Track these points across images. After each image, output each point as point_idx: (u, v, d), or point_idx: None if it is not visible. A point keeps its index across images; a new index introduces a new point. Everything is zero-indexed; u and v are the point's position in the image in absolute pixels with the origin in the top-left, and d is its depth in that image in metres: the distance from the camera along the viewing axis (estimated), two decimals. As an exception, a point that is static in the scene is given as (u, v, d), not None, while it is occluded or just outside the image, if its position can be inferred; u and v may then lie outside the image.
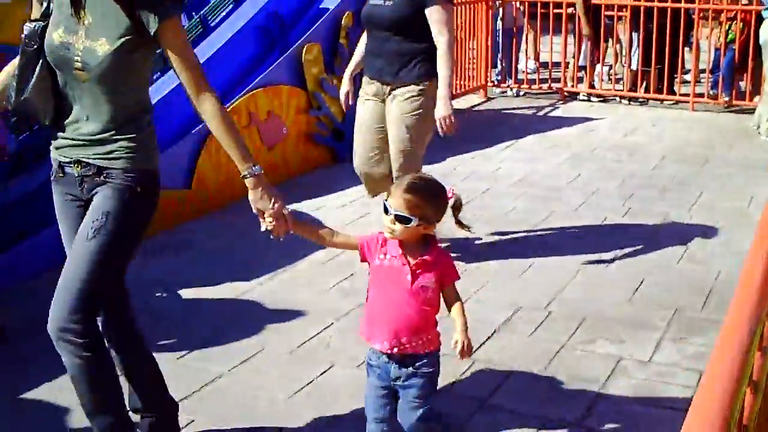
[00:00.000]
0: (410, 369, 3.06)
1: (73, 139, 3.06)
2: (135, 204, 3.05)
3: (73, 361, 3.00)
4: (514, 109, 10.75)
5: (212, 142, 6.67)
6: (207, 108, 3.00)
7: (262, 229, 3.05)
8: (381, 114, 5.36)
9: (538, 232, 6.28)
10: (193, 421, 3.77)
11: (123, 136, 3.02)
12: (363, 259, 3.12)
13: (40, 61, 2.99)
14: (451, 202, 3.10)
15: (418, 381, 3.08)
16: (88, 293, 2.97)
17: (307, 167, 7.83)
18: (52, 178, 3.20)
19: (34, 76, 2.97)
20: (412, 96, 5.20)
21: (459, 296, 3.13)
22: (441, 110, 5.06)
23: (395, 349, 3.03)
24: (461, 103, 10.70)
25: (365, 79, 5.46)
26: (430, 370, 3.10)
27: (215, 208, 6.64)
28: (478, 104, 11.07)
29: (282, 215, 3.00)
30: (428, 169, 7.81)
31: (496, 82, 11.53)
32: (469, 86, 11.14)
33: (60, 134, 3.10)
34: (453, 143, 8.81)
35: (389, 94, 5.27)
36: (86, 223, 3.02)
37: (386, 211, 2.97)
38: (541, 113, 10.51)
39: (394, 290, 3.03)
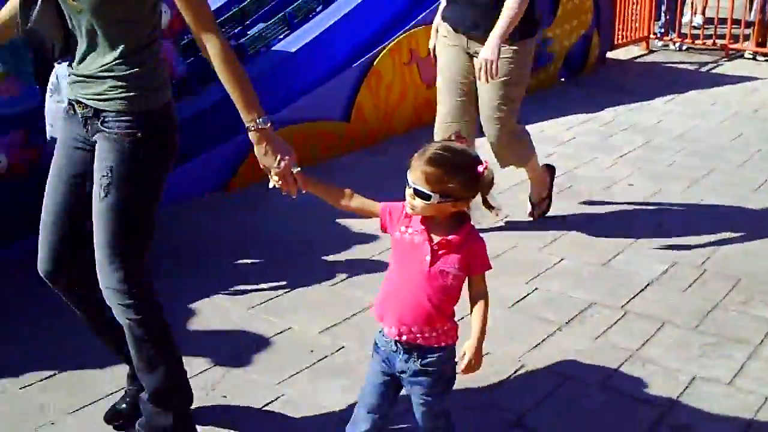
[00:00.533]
0: (417, 364, 2.67)
1: (76, 76, 2.85)
2: (139, 152, 2.79)
3: (125, 322, 2.93)
4: (676, 63, 10.43)
5: (372, 77, 6.75)
6: (209, 48, 2.72)
7: (270, 186, 2.79)
8: (466, 67, 4.92)
9: (698, 188, 6.13)
10: (343, 347, 3.92)
11: (117, 74, 2.75)
12: (383, 228, 2.74)
13: None
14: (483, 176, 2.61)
15: (425, 379, 2.70)
16: (122, 256, 2.82)
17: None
18: (64, 115, 3.03)
19: (37, 4, 2.77)
20: (505, 58, 4.73)
21: (485, 292, 2.70)
22: (485, 51, 4.58)
23: (403, 337, 2.66)
24: (622, 53, 10.47)
25: (447, 28, 4.95)
26: (439, 368, 2.69)
27: (373, 142, 6.74)
28: (640, 56, 10.77)
29: (290, 174, 2.71)
30: (586, 119, 7.75)
31: (658, 35, 11.17)
32: (630, 37, 10.83)
33: (70, 69, 2.91)
34: (610, 93, 8.61)
35: (474, 55, 4.81)
36: (96, 178, 2.82)
37: (408, 184, 2.60)
38: (703, 69, 10.16)
39: (411, 270, 2.64)
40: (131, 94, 2.75)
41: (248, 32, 6.63)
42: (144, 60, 2.77)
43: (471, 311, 2.69)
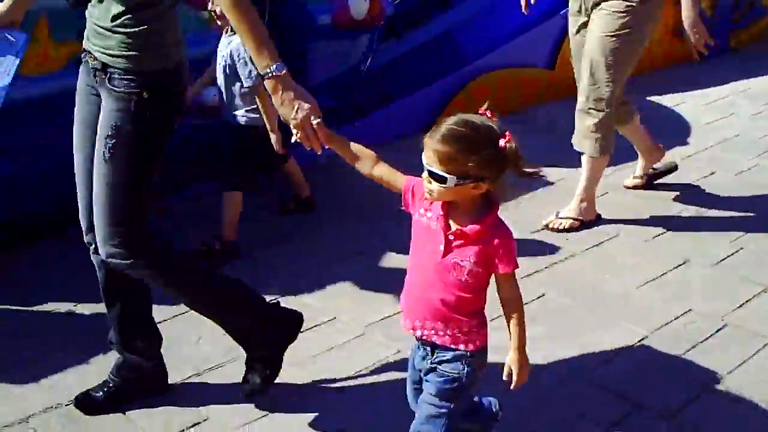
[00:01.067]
0: (430, 362, 2.45)
1: (91, 24, 2.72)
2: (144, 112, 2.67)
3: (149, 282, 2.92)
4: None
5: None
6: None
7: (292, 140, 2.54)
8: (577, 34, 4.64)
9: None
10: (543, 294, 3.93)
11: (124, 30, 2.61)
12: (405, 206, 2.47)
13: None
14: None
15: (436, 380, 2.45)
16: (123, 216, 2.72)
17: (668, 62, 7.59)
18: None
19: None
20: (618, 12, 4.33)
21: (516, 296, 2.39)
22: (687, 14, 4.28)
23: (417, 332, 2.44)
24: None
25: None
26: (455, 372, 2.42)
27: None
28: None
29: (309, 126, 2.46)
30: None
31: None
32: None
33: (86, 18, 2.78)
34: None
35: (592, 8, 4.45)
36: (100, 135, 2.72)
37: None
38: None
39: (426, 258, 2.38)
40: (138, 52, 2.62)
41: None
42: (153, 15, 2.62)
43: (506, 318, 2.43)
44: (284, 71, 2.46)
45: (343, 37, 5.40)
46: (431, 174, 2.26)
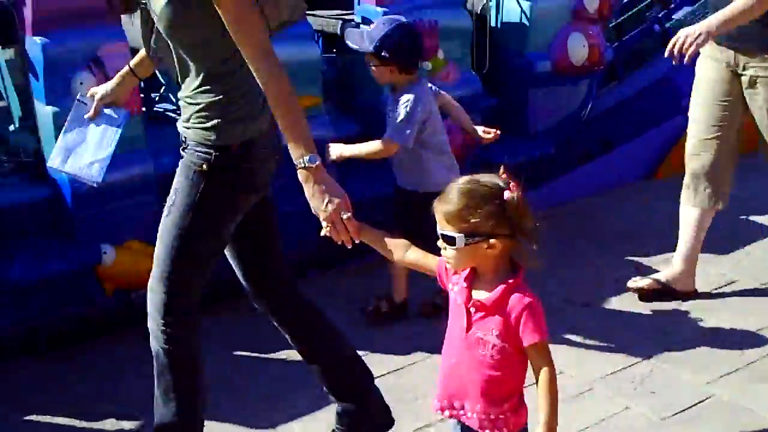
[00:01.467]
0: None
1: (181, 98, 2.80)
2: (201, 185, 2.67)
3: (154, 347, 2.85)
4: None
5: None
6: (258, 78, 2.53)
7: (321, 233, 2.49)
8: (728, 86, 3.95)
9: None
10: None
11: (198, 102, 2.66)
12: (442, 285, 2.36)
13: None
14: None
15: None
16: (168, 280, 2.74)
17: None
18: None
19: (153, 32, 2.71)
20: None
21: (547, 365, 2.18)
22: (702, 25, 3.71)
23: (446, 412, 2.30)
24: None
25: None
26: None
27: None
28: None
29: (339, 220, 2.43)
30: None
31: None
32: None
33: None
34: None
35: (749, 69, 3.87)
36: (169, 194, 2.79)
37: None
38: None
39: (453, 336, 2.27)
40: (207, 124, 2.64)
41: (673, 16, 6.37)
42: (224, 89, 2.64)
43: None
44: (317, 163, 2.47)
45: (563, 84, 5.37)
46: (443, 237, 2.18)
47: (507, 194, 2.13)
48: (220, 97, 2.62)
